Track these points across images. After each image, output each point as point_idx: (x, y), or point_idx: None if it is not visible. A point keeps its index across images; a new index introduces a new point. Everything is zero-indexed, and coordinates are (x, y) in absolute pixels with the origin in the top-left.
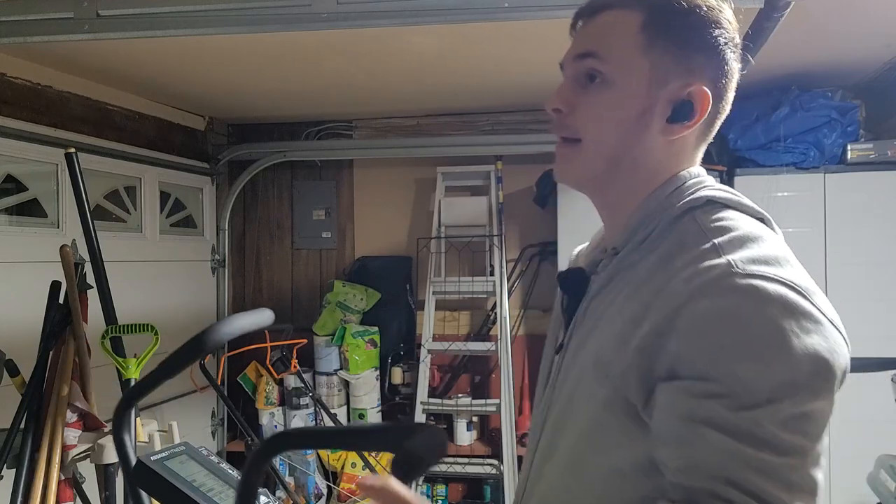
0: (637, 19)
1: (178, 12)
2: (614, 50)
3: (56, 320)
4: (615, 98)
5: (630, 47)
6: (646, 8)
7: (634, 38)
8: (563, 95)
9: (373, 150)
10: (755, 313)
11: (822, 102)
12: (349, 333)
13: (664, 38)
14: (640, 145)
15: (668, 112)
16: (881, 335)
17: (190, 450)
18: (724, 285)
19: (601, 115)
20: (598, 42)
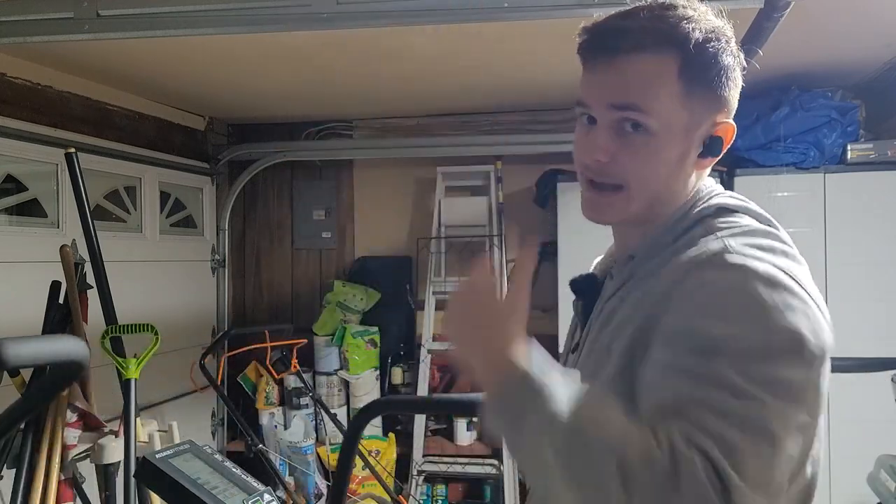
0: (674, 66)
1: (178, 12)
2: (657, 101)
3: (56, 320)
4: (658, 147)
5: (671, 98)
6: (680, 52)
7: (674, 87)
8: (604, 146)
9: (373, 150)
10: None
11: (822, 102)
12: (349, 333)
13: (699, 84)
14: (676, 182)
15: (700, 148)
16: (881, 335)
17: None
18: (716, 261)
19: (645, 163)
20: (638, 92)
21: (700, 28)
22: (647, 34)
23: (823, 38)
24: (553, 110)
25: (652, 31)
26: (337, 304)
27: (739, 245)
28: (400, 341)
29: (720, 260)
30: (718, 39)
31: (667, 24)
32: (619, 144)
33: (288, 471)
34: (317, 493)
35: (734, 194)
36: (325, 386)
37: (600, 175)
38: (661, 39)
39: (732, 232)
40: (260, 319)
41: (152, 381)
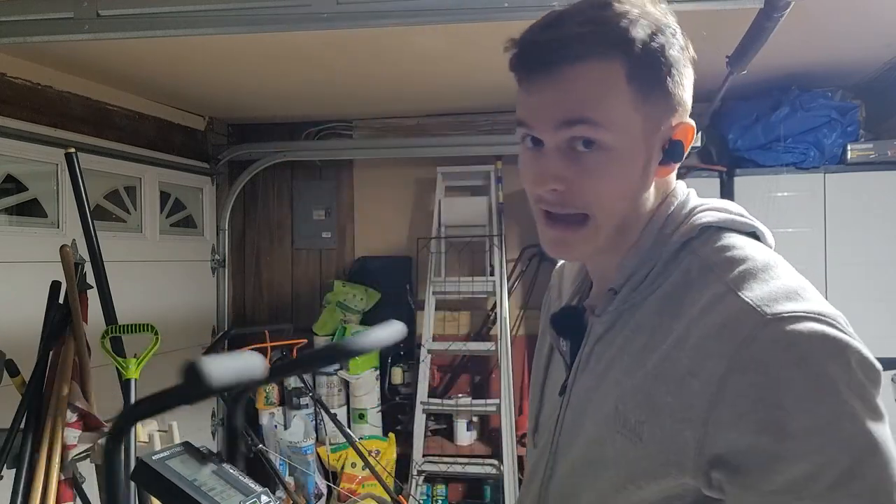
0: (621, 70)
1: (178, 12)
2: (609, 112)
3: (56, 320)
4: (617, 162)
5: (623, 105)
6: (623, 53)
7: (624, 93)
8: (557, 172)
9: (373, 150)
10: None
11: (822, 102)
12: (349, 333)
13: (650, 85)
14: (643, 197)
15: (661, 155)
16: (881, 335)
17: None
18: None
19: (607, 184)
20: (587, 105)
21: (642, 24)
22: (586, 40)
23: (823, 38)
24: None
25: (590, 35)
26: (337, 304)
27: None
28: (400, 341)
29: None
30: (663, 33)
31: (605, 26)
32: (573, 168)
33: (288, 471)
34: (317, 493)
35: (711, 204)
36: (325, 386)
37: (559, 206)
38: (602, 44)
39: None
40: (260, 319)
41: (152, 381)
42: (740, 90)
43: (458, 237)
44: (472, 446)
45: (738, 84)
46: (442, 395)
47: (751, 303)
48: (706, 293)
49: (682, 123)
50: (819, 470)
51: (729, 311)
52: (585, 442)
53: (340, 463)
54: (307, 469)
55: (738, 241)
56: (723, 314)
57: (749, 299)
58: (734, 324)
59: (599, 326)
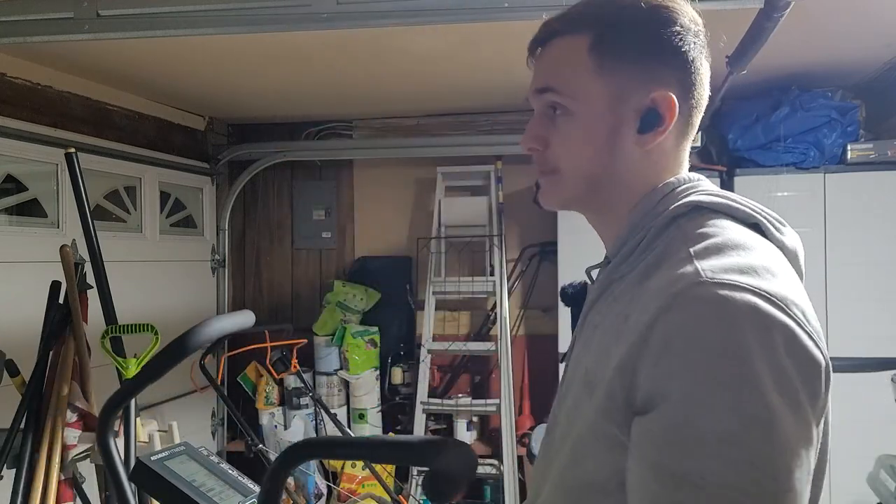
0: (584, 43)
1: (178, 12)
2: (568, 80)
3: (56, 320)
4: (580, 126)
5: (582, 73)
6: (592, 28)
7: (584, 63)
8: (535, 132)
9: (373, 150)
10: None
11: (822, 102)
12: (349, 333)
13: (613, 55)
14: (616, 161)
15: (637, 124)
16: (881, 335)
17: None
18: (690, 296)
19: (571, 144)
20: (552, 74)
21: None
22: (563, 20)
23: (823, 38)
24: None
25: (565, 17)
26: (337, 304)
27: (714, 269)
28: (400, 341)
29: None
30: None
31: (585, 7)
32: (551, 129)
33: None
34: (317, 493)
35: (716, 190)
36: (325, 386)
37: (539, 163)
38: (572, 22)
39: (707, 246)
40: (260, 319)
41: None
42: (740, 90)
43: (458, 237)
44: (471, 446)
45: (738, 84)
46: (442, 395)
47: (699, 268)
48: (671, 261)
49: (660, 93)
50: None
51: (677, 273)
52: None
53: (340, 463)
54: (307, 469)
55: (726, 223)
56: (671, 276)
57: (700, 266)
58: (675, 282)
59: (593, 294)
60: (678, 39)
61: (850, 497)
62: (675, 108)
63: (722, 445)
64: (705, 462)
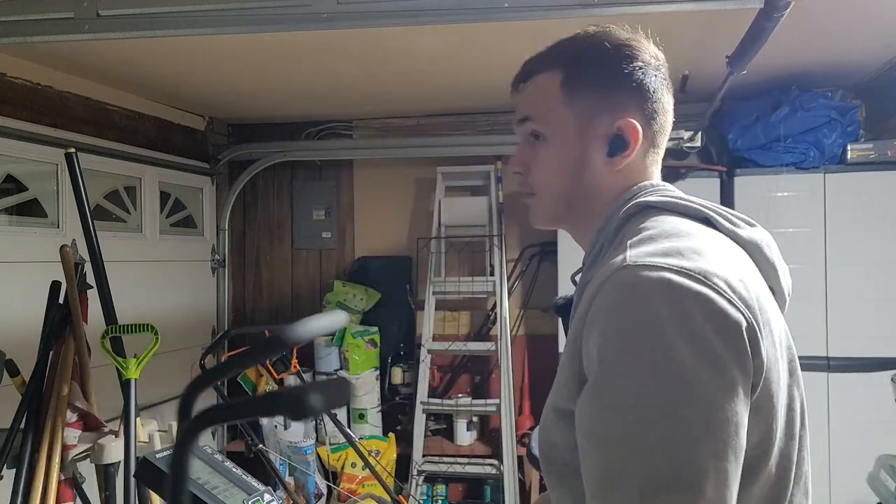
0: (557, 78)
1: (178, 12)
2: (544, 110)
3: (56, 320)
4: (553, 151)
5: (555, 105)
6: (563, 66)
7: (557, 95)
8: (520, 158)
9: (373, 150)
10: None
11: (822, 102)
12: (349, 333)
13: (581, 88)
14: (587, 182)
15: (606, 148)
16: (881, 335)
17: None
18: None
19: (545, 168)
20: (531, 106)
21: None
22: (539, 60)
23: (823, 38)
24: None
25: (542, 57)
26: (337, 304)
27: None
28: (400, 341)
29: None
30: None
31: (557, 48)
32: (531, 156)
33: (288, 471)
34: (317, 493)
35: (670, 191)
36: None
37: (523, 186)
38: (548, 60)
39: (641, 238)
40: (260, 319)
41: (152, 381)
42: (740, 90)
43: (458, 237)
44: (472, 446)
45: (738, 84)
46: (442, 395)
47: (627, 255)
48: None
49: (625, 120)
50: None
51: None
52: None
53: (340, 463)
54: (307, 469)
55: (668, 218)
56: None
57: (628, 254)
58: (606, 270)
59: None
60: (640, 73)
61: (850, 497)
62: (638, 134)
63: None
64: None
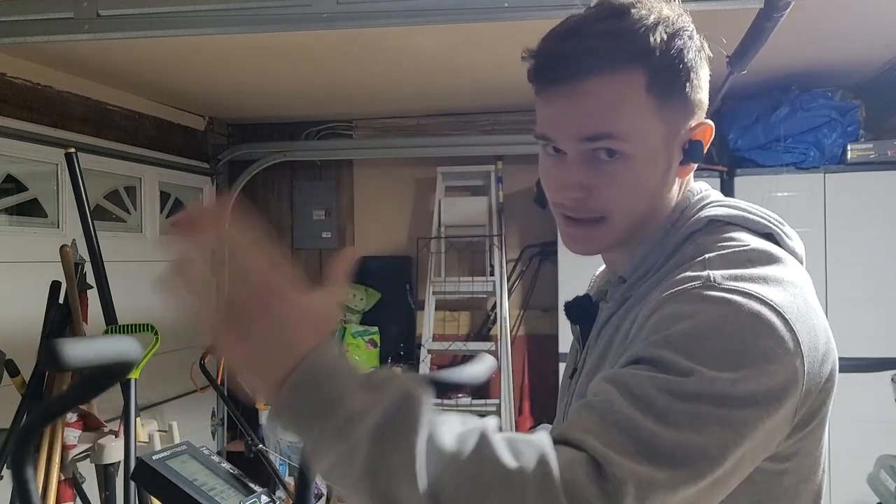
0: (640, 81)
1: (178, 12)
2: (631, 124)
3: (56, 320)
4: (639, 169)
5: (644, 116)
6: (644, 64)
7: (645, 103)
8: (579, 181)
9: (373, 150)
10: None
11: (822, 102)
12: (349, 333)
13: (670, 92)
14: (662, 199)
15: (681, 156)
16: (881, 335)
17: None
18: (695, 294)
19: (627, 190)
20: (609, 120)
21: (659, 31)
22: (604, 53)
23: (823, 38)
24: None
25: (609, 48)
26: None
27: (725, 277)
28: (400, 341)
29: (698, 294)
30: (680, 37)
31: (623, 37)
32: (595, 175)
33: (288, 471)
34: (317, 494)
35: (727, 201)
36: None
37: (578, 211)
38: (621, 55)
39: (722, 255)
40: None
41: (152, 381)
42: (740, 90)
43: (458, 237)
44: None
45: (738, 84)
46: (442, 395)
47: (710, 275)
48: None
49: (702, 124)
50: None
51: (687, 276)
52: None
53: None
54: None
55: (743, 235)
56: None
57: (711, 272)
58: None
59: (605, 311)
60: (706, 63)
61: (850, 497)
62: (711, 136)
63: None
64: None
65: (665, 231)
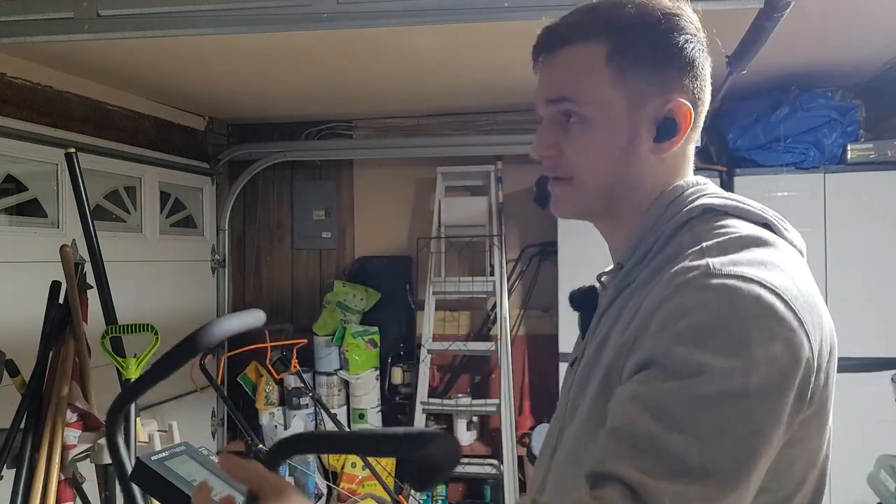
0: (601, 52)
1: (178, 12)
2: (586, 89)
3: (56, 320)
4: (598, 135)
5: (601, 83)
6: (607, 37)
7: (602, 72)
8: (547, 140)
9: (373, 150)
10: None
11: (822, 102)
12: (349, 333)
13: (632, 64)
14: (632, 170)
15: (654, 132)
16: (881, 335)
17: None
18: (697, 284)
19: (588, 152)
20: (567, 84)
21: (629, 10)
22: (573, 27)
23: (823, 38)
24: None
25: (578, 23)
26: (337, 304)
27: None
28: (400, 341)
29: (700, 283)
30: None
31: (594, 13)
32: (563, 136)
33: (288, 471)
34: (317, 494)
35: (723, 193)
36: (325, 386)
37: (552, 170)
38: (586, 29)
39: (719, 243)
40: None
41: None
42: (740, 90)
43: (458, 237)
44: (472, 446)
45: (738, 84)
46: (442, 395)
47: (709, 262)
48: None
49: (677, 101)
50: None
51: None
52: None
53: (340, 463)
54: (307, 469)
55: (737, 223)
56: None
57: (710, 261)
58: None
59: (605, 299)
60: (690, 47)
61: (850, 497)
62: (690, 117)
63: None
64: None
65: (656, 216)
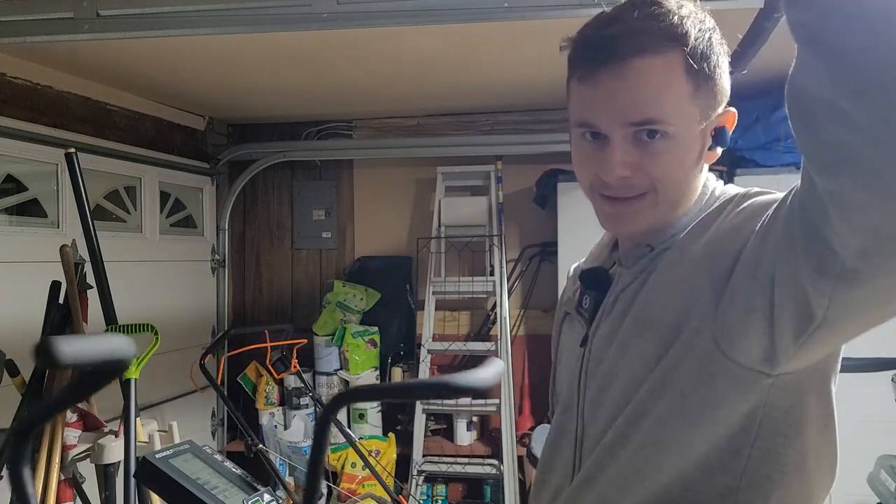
0: (678, 64)
1: (178, 12)
2: (672, 108)
3: (56, 320)
4: (679, 149)
5: (683, 99)
6: (681, 49)
7: (683, 88)
8: (627, 161)
9: (373, 150)
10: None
11: None
12: (349, 333)
13: (704, 77)
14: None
15: (710, 141)
16: (881, 335)
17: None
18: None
19: (670, 166)
20: (651, 104)
21: (692, 20)
22: (650, 32)
23: None
24: (553, 110)
25: (649, 31)
26: (337, 304)
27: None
28: (400, 341)
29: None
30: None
31: (662, 21)
32: (640, 155)
33: (288, 471)
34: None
35: None
36: (325, 386)
37: (623, 190)
38: (663, 36)
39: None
40: (260, 319)
41: (152, 381)
42: (740, 90)
43: (458, 237)
44: (472, 446)
45: (738, 84)
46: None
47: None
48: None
49: (727, 110)
50: None
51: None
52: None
53: (340, 463)
54: (307, 469)
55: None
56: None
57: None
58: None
59: (628, 276)
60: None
61: (850, 497)
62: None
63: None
64: None
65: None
